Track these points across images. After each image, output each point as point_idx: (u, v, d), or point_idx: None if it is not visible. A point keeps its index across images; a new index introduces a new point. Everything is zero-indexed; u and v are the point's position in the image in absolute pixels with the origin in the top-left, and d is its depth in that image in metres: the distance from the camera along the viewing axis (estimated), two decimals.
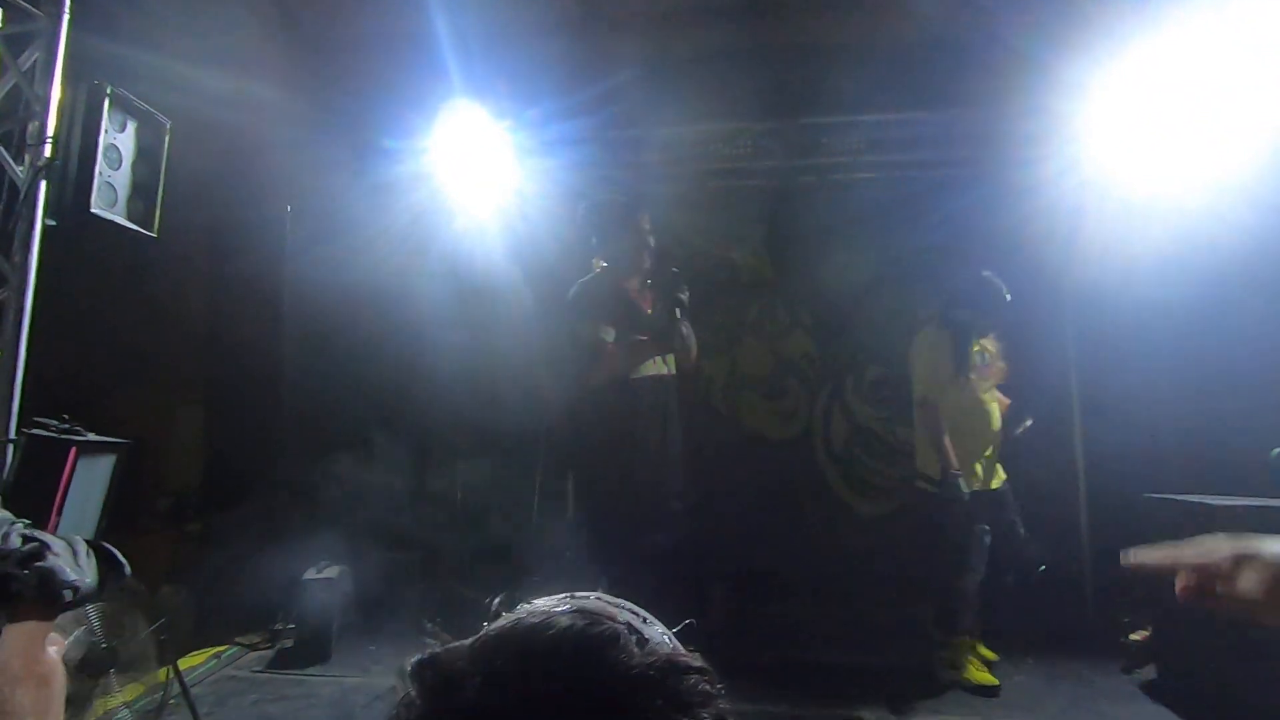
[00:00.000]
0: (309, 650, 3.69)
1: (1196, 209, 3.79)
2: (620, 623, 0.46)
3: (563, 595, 0.51)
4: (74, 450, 2.08)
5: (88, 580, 0.57)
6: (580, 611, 0.47)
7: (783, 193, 4.98)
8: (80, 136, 2.36)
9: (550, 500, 5.21)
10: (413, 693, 0.44)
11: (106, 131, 2.40)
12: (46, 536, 0.55)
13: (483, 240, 4.82)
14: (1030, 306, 4.47)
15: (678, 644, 0.49)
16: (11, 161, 2.53)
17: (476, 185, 4.65)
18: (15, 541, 0.51)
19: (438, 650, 0.45)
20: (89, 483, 2.28)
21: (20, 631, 0.52)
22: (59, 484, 2.09)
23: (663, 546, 2.99)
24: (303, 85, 4.19)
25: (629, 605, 0.50)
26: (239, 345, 4.80)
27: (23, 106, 2.56)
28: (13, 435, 2.27)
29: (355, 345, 4.73)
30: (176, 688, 2.80)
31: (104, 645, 2.49)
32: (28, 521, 0.54)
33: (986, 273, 3.59)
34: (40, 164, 2.48)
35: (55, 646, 0.59)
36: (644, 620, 0.49)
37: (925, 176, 4.75)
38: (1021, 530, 3.55)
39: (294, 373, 4.83)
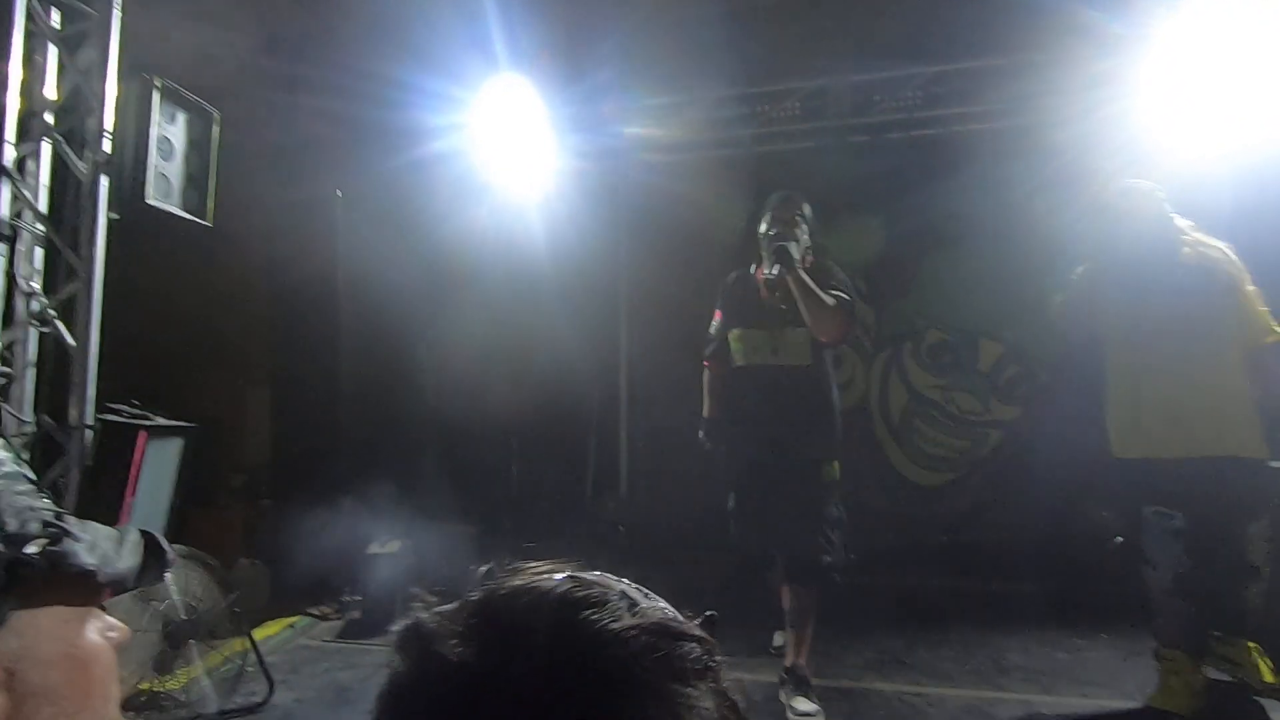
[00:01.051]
0: (376, 621, 3.83)
1: (1254, 166, 3.47)
2: (612, 589, 0.43)
3: (558, 564, 0.48)
4: (143, 434, 2.17)
5: (119, 566, 0.57)
6: (569, 577, 0.44)
7: (835, 153, 4.78)
8: (133, 130, 2.42)
9: (602, 479, 5.25)
10: (398, 660, 0.42)
11: (158, 124, 2.46)
12: (77, 524, 0.55)
13: (525, 216, 4.81)
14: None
15: (676, 614, 0.45)
16: (75, 159, 2.63)
17: (521, 160, 4.63)
18: (34, 528, 0.51)
19: (421, 615, 0.43)
20: (160, 464, 2.38)
21: (50, 615, 0.53)
22: (132, 467, 2.19)
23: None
24: (348, 65, 4.22)
25: (632, 582, 0.47)
26: (299, 327, 4.95)
27: (82, 104, 2.65)
28: (89, 421, 2.39)
29: (409, 323, 4.82)
30: (253, 656, 2.95)
31: (183, 617, 2.63)
32: (55, 510, 0.54)
33: None
34: (100, 159, 2.56)
35: (111, 631, 0.59)
36: (644, 594, 0.46)
37: (987, 129, 4.48)
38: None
39: (351, 352, 4.97)
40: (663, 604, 0.46)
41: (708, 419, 3.16)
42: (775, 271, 2.71)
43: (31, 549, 0.51)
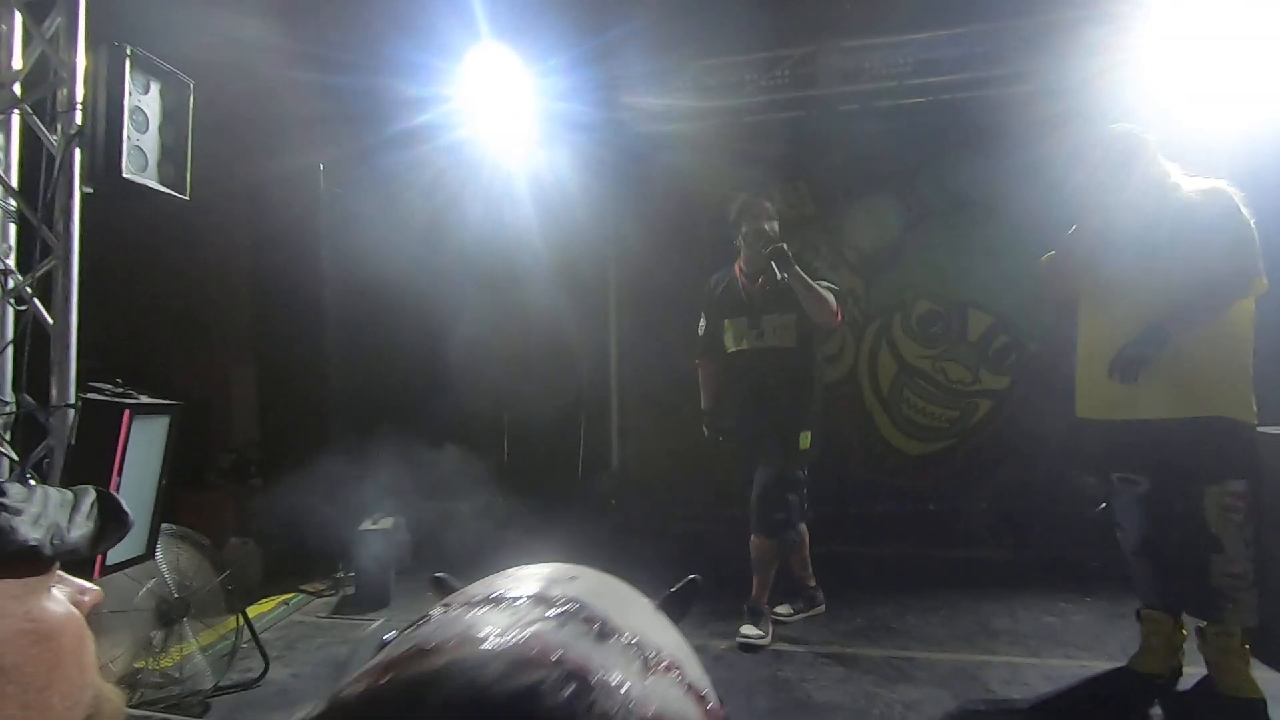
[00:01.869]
0: (369, 597, 3.85)
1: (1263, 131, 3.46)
2: (568, 664, 0.27)
3: (528, 591, 0.33)
4: (128, 413, 2.14)
5: (70, 536, 0.54)
6: (519, 661, 0.27)
7: (822, 123, 4.73)
8: (105, 101, 2.35)
9: (593, 453, 5.26)
10: None
11: (130, 94, 2.38)
12: (21, 495, 0.52)
13: (512, 187, 4.74)
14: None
15: (677, 682, 0.31)
16: (46, 131, 2.54)
17: (505, 131, 4.56)
18: None
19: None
20: (146, 443, 2.35)
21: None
22: (117, 446, 2.16)
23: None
24: (327, 35, 4.10)
25: (620, 594, 0.34)
26: (283, 303, 4.89)
27: (51, 74, 2.56)
28: (71, 400, 2.35)
29: (396, 298, 4.77)
30: (247, 633, 2.95)
31: (175, 595, 2.62)
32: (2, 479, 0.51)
33: None
34: (72, 132, 2.48)
35: (82, 594, 0.57)
36: (602, 636, 0.31)
37: (976, 97, 4.45)
38: None
39: (337, 327, 4.91)
40: (651, 657, 0.31)
41: (705, 411, 3.48)
42: (783, 277, 2.98)
43: None
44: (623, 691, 0.28)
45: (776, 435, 3.13)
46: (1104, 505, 3.68)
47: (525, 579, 0.35)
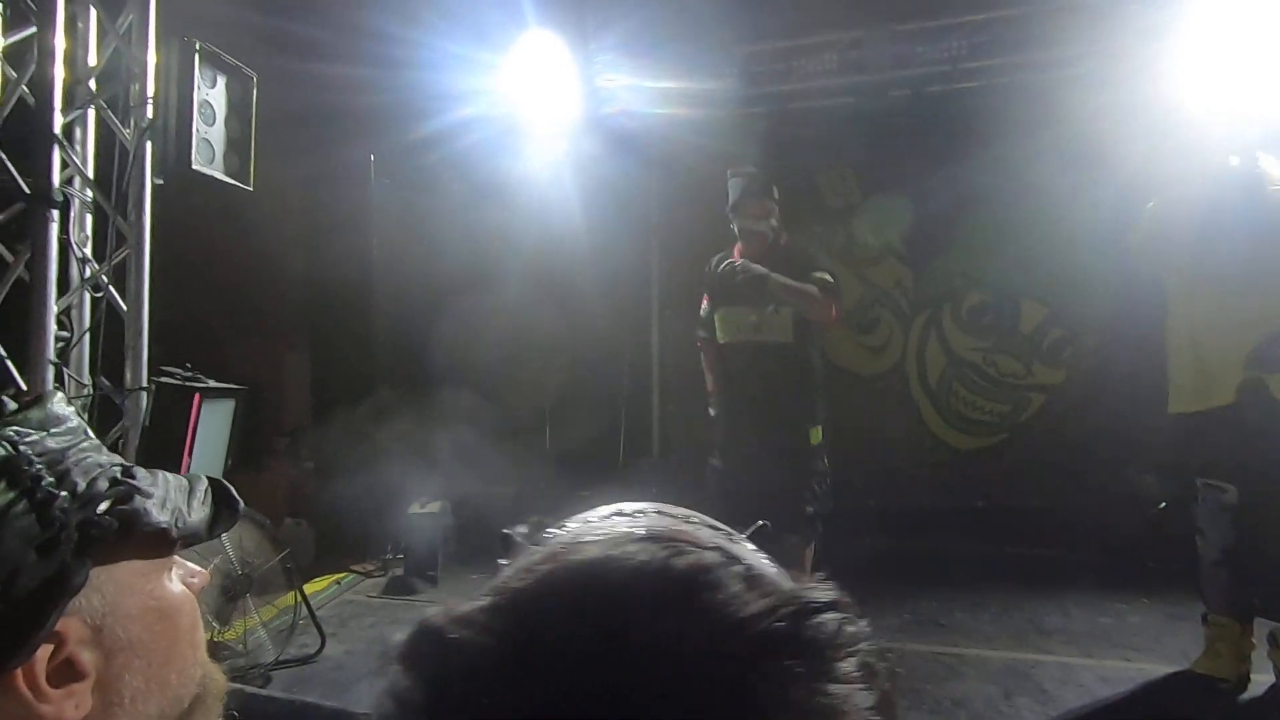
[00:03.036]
0: (418, 577, 3.95)
1: None
2: (709, 547, 0.32)
3: (611, 509, 0.37)
4: (198, 396, 2.23)
5: (191, 519, 0.57)
6: (651, 537, 0.32)
7: (871, 109, 4.63)
8: (176, 95, 2.43)
9: (634, 440, 5.28)
10: (407, 682, 0.30)
11: (199, 88, 2.46)
12: (147, 478, 0.55)
13: (558, 176, 4.76)
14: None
15: (780, 568, 0.34)
16: (119, 125, 2.65)
17: (551, 120, 4.57)
18: (102, 486, 0.51)
19: (438, 618, 0.31)
20: (213, 426, 2.45)
21: (129, 569, 0.53)
22: (188, 427, 2.26)
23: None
24: (379, 28, 4.17)
25: (700, 516, 0.36)
26: (335, 292, 5.01)
27: (124, 70, 2.66)
28: (144, 383, 2.46)
29: (441, 288, 4.85)
30: (305, 610, 3.06)
31: (239, 572, 2.73)
32: (122, 464, 0.54)
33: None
34: (144, 125, 2.58)
35: (192, 577, 0.60)
36: (729, 537, 0.35)
37: (1032, 81, 4.30)
38: None
39: (386, 316, 5.02)
40: (752, 548, 0.35)
41: (711, 393, 3.28)
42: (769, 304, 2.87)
43: (102, 508, 0.51)
44: (752, 557, 0.33)
45: (783, 431, 2.92)
46: (1164, 505, 3.56)
47: (605, 509, 0.38)
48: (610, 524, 0.35)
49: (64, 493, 0.50)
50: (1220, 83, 3.59)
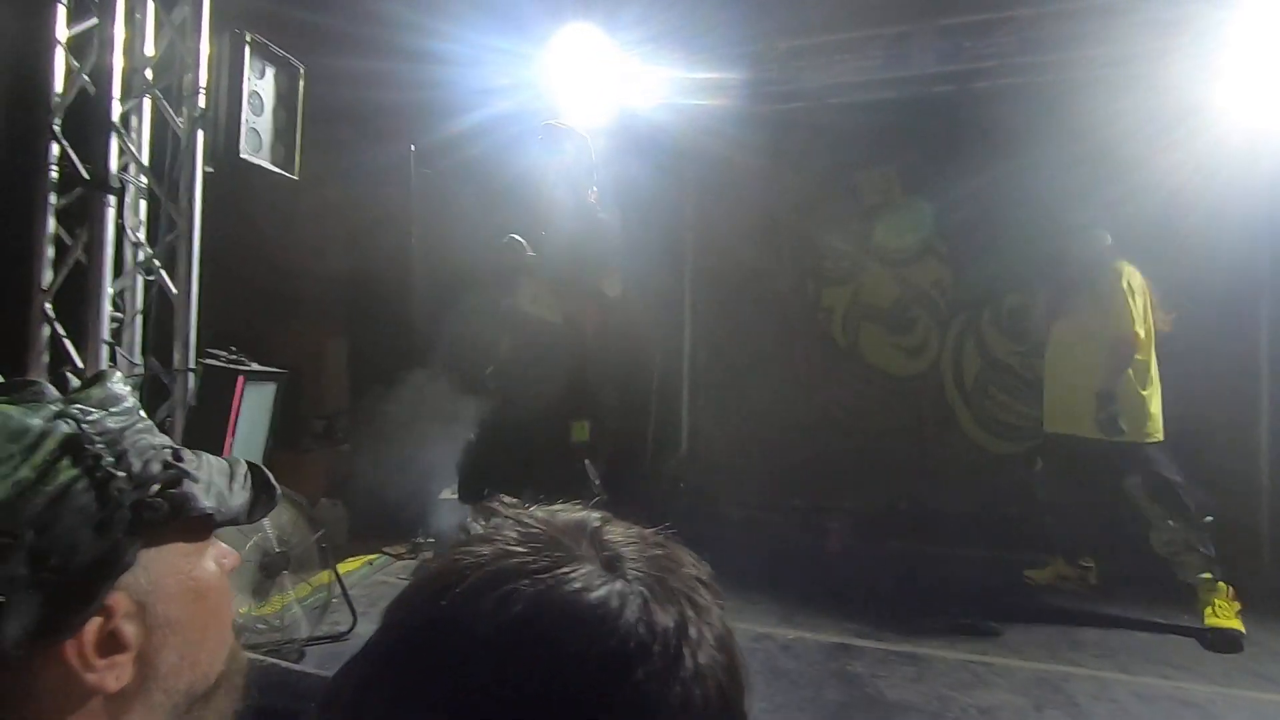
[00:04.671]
0: None
1: None
2: (581, 555, 0.35)
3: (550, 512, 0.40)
4: (241, 379, 2.30)
5: (233, 504, 0.59)
6: (528, 540, 0.35)
7: (916, 105, 4.54)
8: (226, 86, 2.50)
9: (664, 436, 5.28)
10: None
11: (249, 79, 2.53)
12: (194, 461, 0.57)
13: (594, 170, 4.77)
14: (1207, 231, 3.91)
15: (709, 591, 0.39)
16: (172, 113, 2.74)
17: (588, 113, 4.58)
18: (155, 469, 0.53)
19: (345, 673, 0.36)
20: (256, 407, 2.52)
21: (174, 551, 0.55)
22: (231, 408, 2.33)
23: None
24: (420, 21, 4.22)
25: (637, 532, 0.39)
26: (375, 280, 5.11)
27: (178, 60, 2.75)
28: (192, 365, 2.54)
29: (479, 277, 4.90)
30: (338, 589, 3.14)
31: (276, 550, 2.82)
32: (173, 447, 0.56)
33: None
34: (196, 114, 2.66)
35: (225, 558, 0.62)
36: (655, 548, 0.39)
37: (1082, 79, 4.16)
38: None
39: (423, 305, 5.10)
40: (689, 570, 0.38)
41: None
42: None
43: (154, 490, 0.54)
44: (699, 596, 0.38)
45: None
46: (1210, 519, 3.45)
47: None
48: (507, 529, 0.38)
49: (121, 473, 0.53)
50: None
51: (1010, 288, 4.66)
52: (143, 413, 0.59)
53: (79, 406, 0.54)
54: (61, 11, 2.55)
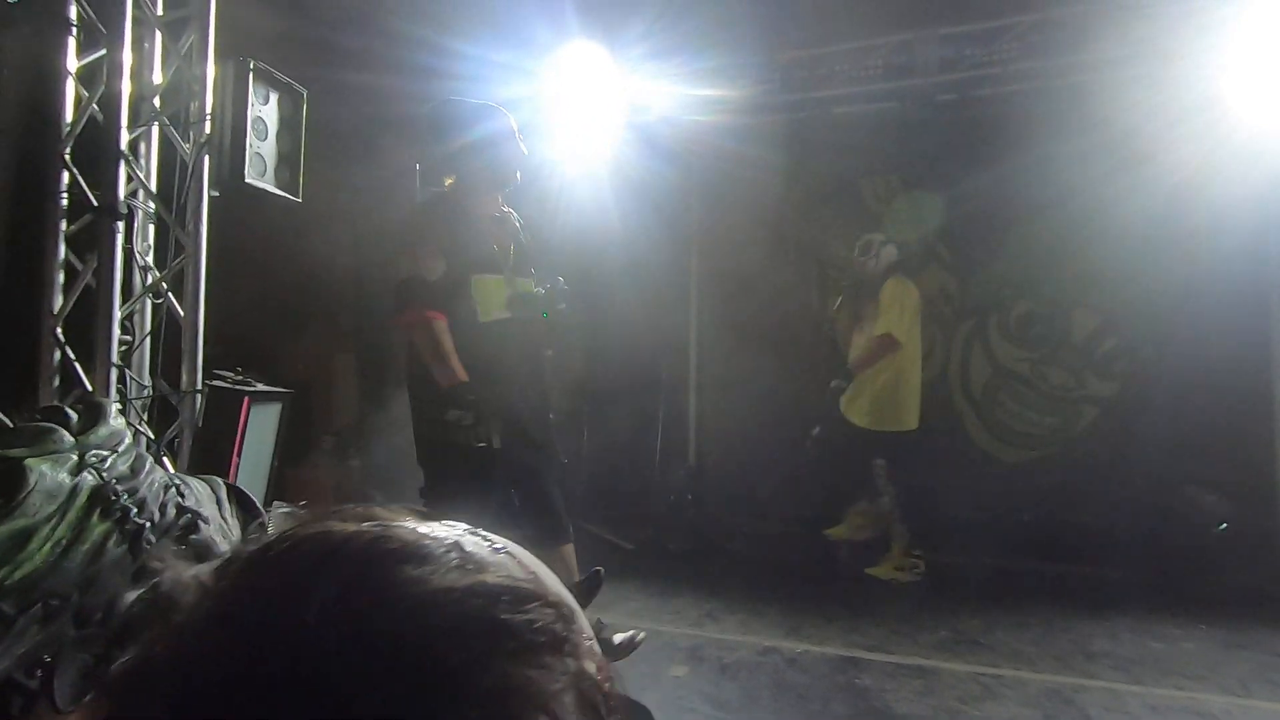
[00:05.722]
0: None
1: None
2: (443, 543, 0.32)
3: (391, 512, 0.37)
4: (246, 400, 2.33)
5: (234, 538, 0.60)
6: (384, 523, 0.33)
7: (919, 113, 4.54)
8: (231, 112, 2.55)
9: (671, 446, 5.28)
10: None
11: (253, 105, 2.58)
12: (190, 495, 0.58)
13: (597, 180, 4.81)
14: (1217, 232, 3.88)
15: (536, 573, 0.34)
16: (179, 140, 2.79)
17: (591, 124, 4.62)
18: (171, 513, 0.55)
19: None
20: (262, 427, 2.55)
21: None
22: (238, 429, 2.36)
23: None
24: (423, 39, 4.29)
25: (487, 535, 0.36)
26: (383, 295, 5.16)
27: (184, 87, 2.81)
28: (199, 386, 2.58)
29: None
30: None
31: None
32: (175, 482, 0.58)
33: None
34: (202, 141, 2.72)
35: None
36: (495, 548, 0.34)
37: (1085, 82, 4.14)
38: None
39: None
40: (521, 559, 0.35)
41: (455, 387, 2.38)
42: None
43: (177, 537, 0.55)
44: (491, 556, 0.33)
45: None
46: (1225, 525, 3.40)
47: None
48: (366, 512, 0.35)
49: (146, 522, 0.54)
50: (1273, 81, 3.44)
51: (1018, 294, 4.64)
52: (140, 442, 0.61)
53: (95, 453, 0.55)
54: (72, 43, 2.62)
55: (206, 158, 2.71)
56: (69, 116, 2.61)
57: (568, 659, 0.31)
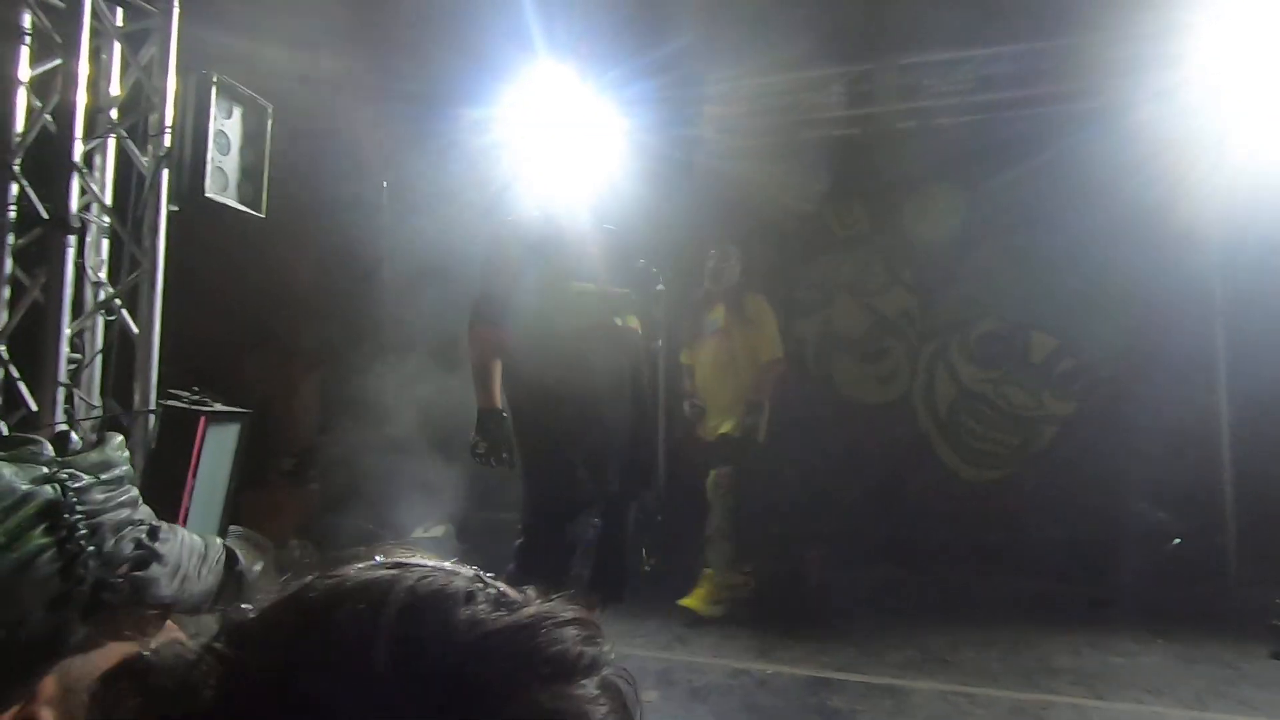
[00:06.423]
0: None
1: None
2: (468, 581, 0.35)
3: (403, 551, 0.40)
4: (203, 420, 2.25)
5: (195, 590, 0.57)
6: (406, 565, 0.35)
7: (880, 140, 4.67)
8: (192, 125, 2.50)
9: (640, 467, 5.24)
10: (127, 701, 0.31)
11: (215, 119, 2.53)
12: (168, 541, 0.55)
13: (569, 204, 4.81)
14: (1167, 258, 4.04)
15: (548, 603, 0.37)
16: (138, 153, 2.72)
17: (561, 147, 4.64)
18: (126, 548, 0.51)
19: (163, 652, 0.32)
20: (219, 449, 2.47)
21: (117, 638, 0.53)
22: (193, 451, 2.28)
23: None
24: (389, 60, 4.28)
25: (491, 576, 0.38)
26: (346, 315, 5.07)
27: (144, 100, 2.74)
28: (152, 406, 2.49)
29: (453, 314, 4.89)
30: None
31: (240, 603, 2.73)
32: (151, 524, 0.54)
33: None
34: (161, 154, 2.65)
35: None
36: (503, 585, 0.38)
37: (1039, 114, 4.32)
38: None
39: (397, 340, 5.06)
40: (534, 594, 0.38)
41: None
42: None
43: (120, 570, 0.51)
44: (515, 596, 0.36)
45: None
46: (1179, 540, 3.49)
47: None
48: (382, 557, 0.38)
49: (91, 548, 0.51)
50: (1218, 113, 3.62)
51: (979, 316, 4.76)
52: (133, 481, 0.57)
53: (71, 471, 0.52)
54: (25, 52, 2.54)
55: (166, 172, 2.64)
56: (20, 127, 2.53)
57: (601, 671, 0.34)
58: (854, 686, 2.90)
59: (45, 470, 0.51)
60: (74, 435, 0.56)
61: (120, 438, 0.58)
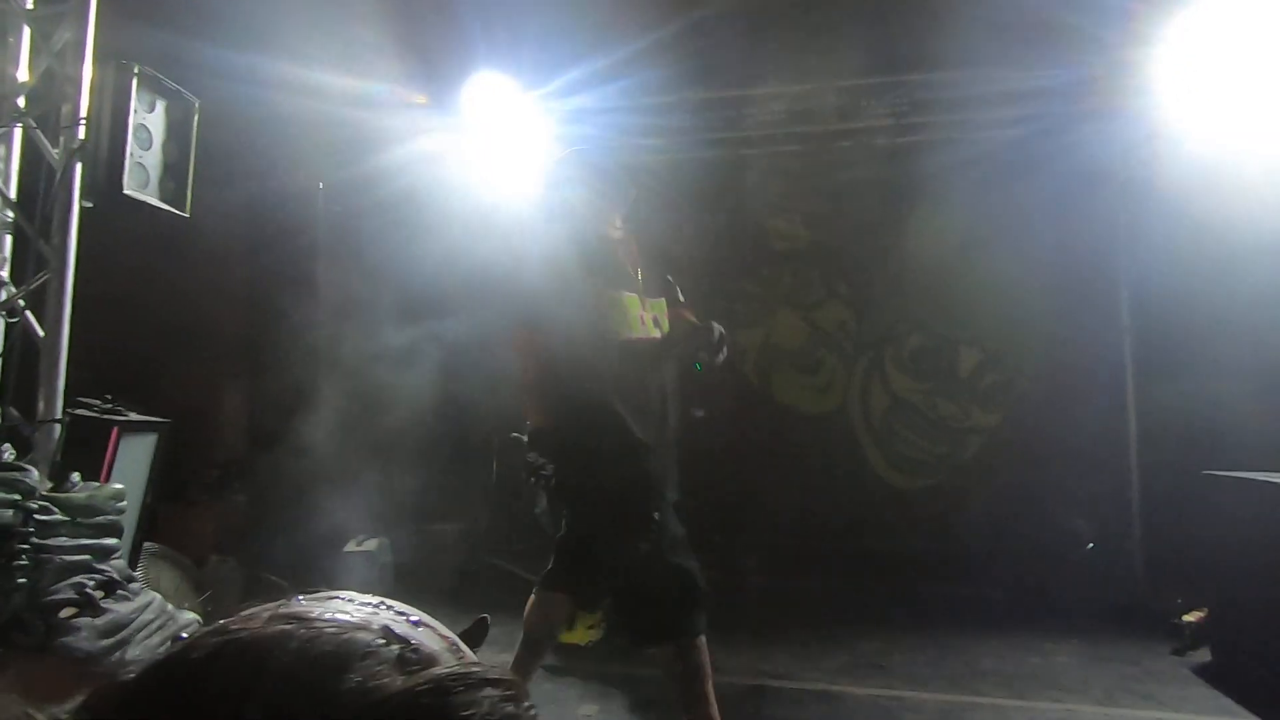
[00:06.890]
0: None
1: (1273, 166, 3.54)
2: (371, 630, 0.32)
3: (326, 595, 0.37)
4: (116, 430, 2.12)
5: (135, 656, 0.54)
6: (294, 615, 0.32)
7: (821, 158, 4.81)
8: (110, 117, 2.36)
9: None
10: None
11: (136, 112, 2.40)
12: (127, 600, 0.52)
13: (510, 211, 4.77)
14: (1082, 279, 4.29)
15: (458, 645, 0.36)
16: (48, 144, 2.55)
17: (506, 158, 4.60)
18: (66, 592, 0.48)
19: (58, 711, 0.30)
20: (133, 460, 2.33)
21: (10, 687, 0.49)
22: (104, 463, 2.14)
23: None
24: (329, 60, 4.15)
25: (397, 605, 0.37)
26: (278, 320, 4.87)
27: (56, 89, 2.58)
28: (58, 415, 2.33)
29: (390, 320, 4.77)
30: None
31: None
32: (111, 579, 0.51)
33: None
34: (74, 146, 2.49)
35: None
36: (413, 622, 0.36)
37: (971, 138, 4.53)
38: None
39: (330, 347, 4.90)
40: (440, 633, 0.36)
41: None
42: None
43: (40, 618, 0.48)
44: (416, 635, 0.34)
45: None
46: (1092, 545, 3.70)
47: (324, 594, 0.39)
48: (299, 607, 0.35)
49: (23, 581, 0.47)
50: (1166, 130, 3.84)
51: (910, 329, 4.94)
52: (120, 530, 0.53)
53: (47, 503, 0.48)
54: None
55: (79, 165, 2.48)
56: None
57: None
58: (790, 693, 2.95)
59: (15, 496, 0.48)
60: (77, 480, 0.52)
61: (120, 487, 0.55)
